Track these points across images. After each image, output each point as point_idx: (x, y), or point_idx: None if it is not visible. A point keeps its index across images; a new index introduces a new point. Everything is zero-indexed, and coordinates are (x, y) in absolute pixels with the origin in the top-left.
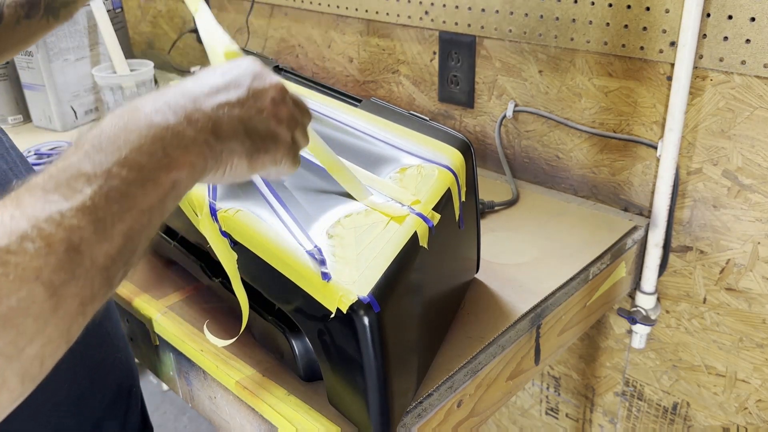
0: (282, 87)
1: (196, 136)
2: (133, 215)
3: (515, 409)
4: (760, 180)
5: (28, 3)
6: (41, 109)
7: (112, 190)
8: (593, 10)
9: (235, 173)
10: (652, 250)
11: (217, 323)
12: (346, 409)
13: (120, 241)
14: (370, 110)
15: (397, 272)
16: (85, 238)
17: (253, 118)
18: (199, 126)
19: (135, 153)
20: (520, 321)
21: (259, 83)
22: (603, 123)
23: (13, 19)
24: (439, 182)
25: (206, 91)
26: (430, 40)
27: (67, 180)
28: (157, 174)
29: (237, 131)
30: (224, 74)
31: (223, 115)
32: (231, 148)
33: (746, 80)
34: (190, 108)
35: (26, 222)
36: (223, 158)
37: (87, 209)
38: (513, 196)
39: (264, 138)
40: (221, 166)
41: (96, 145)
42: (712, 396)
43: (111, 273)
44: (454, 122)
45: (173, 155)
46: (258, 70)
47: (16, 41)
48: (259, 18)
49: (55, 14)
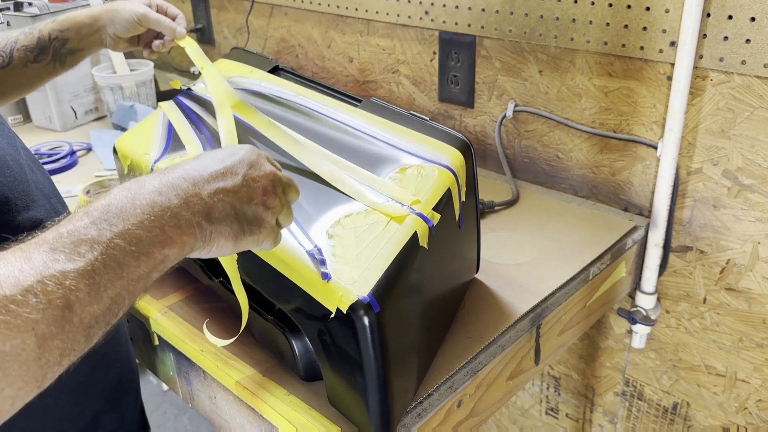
0: (274, 176)
1: (191, 219)
2: (123, 283)
3: (515, 409)
4: (760, 180)
5: (37, 47)
6: (41, 109)
7: (111, 259)
8: (593, 10)
9: (220, 251)
10: (652, 250)
11: (217, 323)
12: (346, 409)
13: (107, 304)
14: (370, 110)
15: (397, 272)
16: (80, 298)
17: (243, 205)
18: (195, 210)
19: (136, 227)
20: (520, 321)
21: (253, 172)
22: (603, 123)
23: (21, 63)
24: (439, 182)
25: (206, 176)
26: (430, 40)
27: (73, 242)
28: (151, 249)
29: (228, 216)
30: (224, 160)
31: (218, 201)
32: (219, 231)
33: (746, 80)
34: (190, 192)
35: (33, 276)
36: (212, 239)
37: (86, 273)
38: (513, 196)
39: (251, 223)
40: (208, 245)
41: (103, 214)
42: (712, 396)
43: (93, 331)
44: (454, 122)
45: (169, 233)
46: (254, 159)
47: (22, 84)
48: (259, 18)
49: (62, 60)
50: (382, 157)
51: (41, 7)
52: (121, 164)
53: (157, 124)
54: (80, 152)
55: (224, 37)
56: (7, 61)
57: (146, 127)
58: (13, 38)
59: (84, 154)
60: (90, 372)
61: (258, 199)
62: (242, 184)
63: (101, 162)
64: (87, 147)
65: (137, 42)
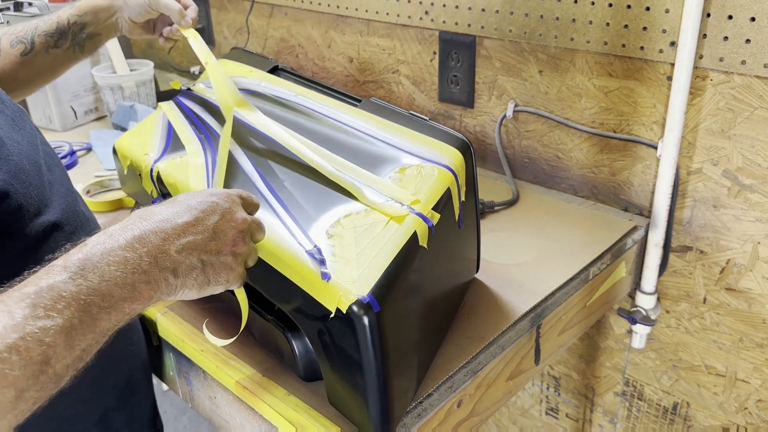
0: (245, 226)
1: (158, 276)
2: (94, 335)
3: (515, 409)
4: (760, 180)
5: (57, 32)
6: (41, 109)
7: (86, 315)
8: (593, 10)
9: (185, 297)
10: (652, 250)
11: (217, 323)
12: (346, 409)
13: (78, 355)
14: (369, 110)
15: (396, 272)
16: (57, 353)
17: (211, 257)
18: (163, 266)
19: (108, 284)
20: (520, 321)
21: (223, 224)
22: (603, 123)
23: (43, 48)
24: (439, 182)
25: (177, 230)
26: (430, 40)
27: (53, 298)
28: (122, 303)
29: (194, 269)
30: (196, 210)
31: (186, 257)
32: (185, 283)
33: (746, 80)
34: (158, 248)
35: (15, 334)
36: (177, 290)
37: (64, 330)
38: (513, 196)
39: (218, 272)
40: (173, 295)
41: (80, 270)
42: (712, 396)
43: (63, 379)
44: (454, 122)
45: (138, 289)
46: (227, 208)
47: (44, 70)
48: (259, 18)
49: (81, 45)
50: (382, 156)
51: (41, 7)
52: (121, 164)
53: (156, 124)
54: (80, 152)
55: (224, 37)
56: (29, 48)
57: (146, 127)
58: (33, 25)
59: (84, 154)
60: (101, 371)
61: (227, 250)
62: (211, 237)
63: (101, 162)
64: (87, 147)
65: (152, 29)
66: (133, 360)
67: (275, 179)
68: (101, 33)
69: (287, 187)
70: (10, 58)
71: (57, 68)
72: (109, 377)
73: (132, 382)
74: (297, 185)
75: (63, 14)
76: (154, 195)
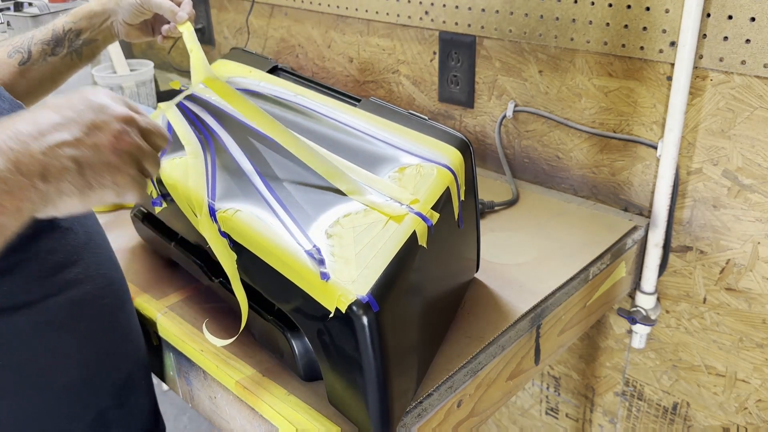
0: (127, 117)
1: (22, 182)
2: None
3: (515, 409)
4: (760, 180)
5: (53, 40)
6: None
7: None
8: (593, 10)
9: (69, 209)
10: (652, 250)
11: (217, 323)
12: (346, 409)
13: None
14: (369, 110)
15: (396, 272)
16: None
17: (87, 155)
18: (27, 171)
19: None
20: (520, 321)
21: (100, 117)
22: (603, 123)
23: (40, 57)
24: (438, 181)
25: (39, 131)
26: (430, 40)
27: None
28: None
29: (68, 171)
30: (62, 109)
31: (53, 158)
32: (60, 189)
33: (746, 80)
34: (19, 153)
35: None
36: (52, 198)
37: None
38: (513, 196)
39: (101, 173)
40: (50, 205)
41: None
42: (712, 396)
43: None
44: (454, 122)
45: (1, 201)
46: (101, 103)
47: (44, 78)
48: (259, 18)
49: (79, 52)
50: (381, 156)
51: (41, 7)
52: None
53: None
54: None
55: (224, 37)
56: (26, 57)
57: None
58: (30, 35)
59: None
60: (98, 369)
61: (107, 145)
62: (86, 132)
63: None
64: None
65: (151, 31)
66: (131, 358)
67: (274, 179)
68: (98, 38)
69: (286, 187)
70: (8, 68)
71: (56, 77)
72: (106, 376)
73: (130, 381)
74: (296, 185)
75: (58, 22)
76: (154, 195)
